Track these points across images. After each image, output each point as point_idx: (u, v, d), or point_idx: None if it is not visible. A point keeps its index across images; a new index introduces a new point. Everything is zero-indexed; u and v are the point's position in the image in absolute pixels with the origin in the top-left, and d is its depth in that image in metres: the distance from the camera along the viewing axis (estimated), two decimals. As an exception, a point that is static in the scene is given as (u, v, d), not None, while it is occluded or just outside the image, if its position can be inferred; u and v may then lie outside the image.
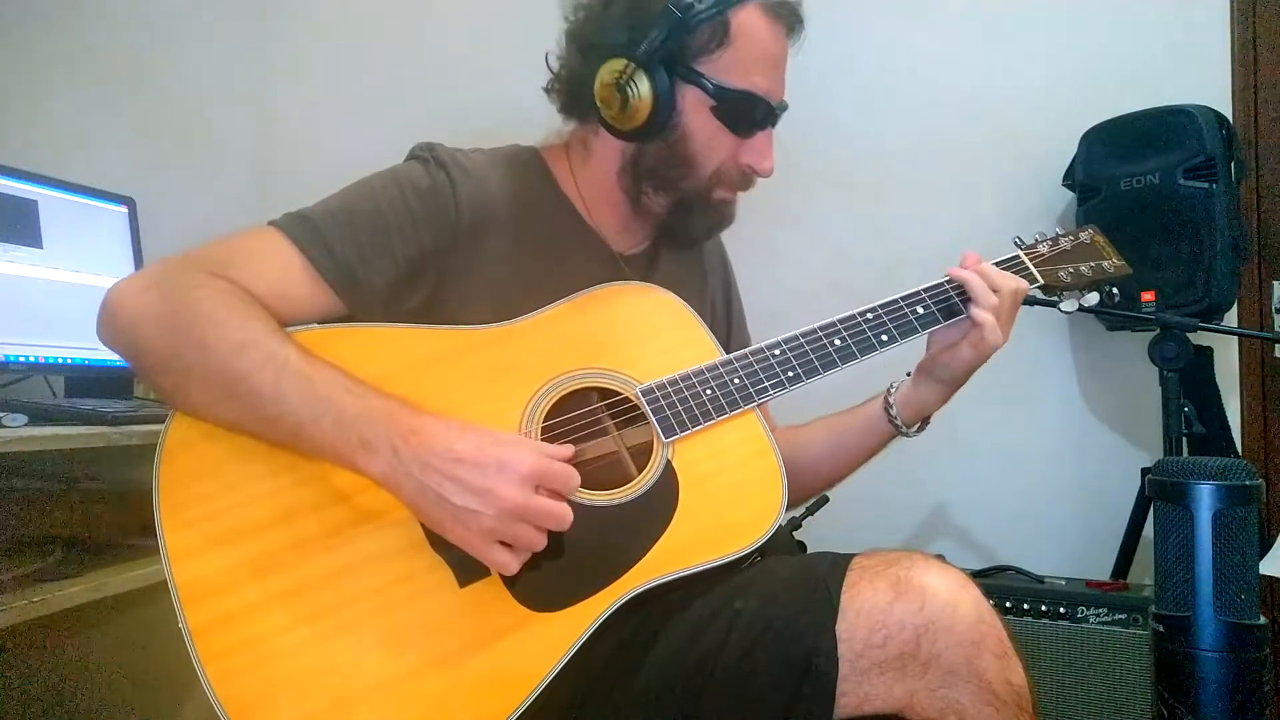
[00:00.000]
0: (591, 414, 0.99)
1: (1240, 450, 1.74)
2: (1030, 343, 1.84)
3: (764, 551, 0.96)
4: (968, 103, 1.94)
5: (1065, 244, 1.20)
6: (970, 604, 0.85)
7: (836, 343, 1.05)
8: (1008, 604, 1.50)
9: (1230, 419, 1.69)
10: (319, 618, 0.84)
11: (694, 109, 1.06)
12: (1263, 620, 1.02)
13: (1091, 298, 1.19)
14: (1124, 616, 1.44)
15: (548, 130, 1.18)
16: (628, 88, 1.03)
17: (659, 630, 0.92)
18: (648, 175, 1.10)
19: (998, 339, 1.05)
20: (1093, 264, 1.18)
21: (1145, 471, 1.54)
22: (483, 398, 0.96)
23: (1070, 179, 1.82)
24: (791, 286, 1.90)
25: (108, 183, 1.79)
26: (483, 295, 1.04)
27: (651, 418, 0.98)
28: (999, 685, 0.83)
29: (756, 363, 1.03)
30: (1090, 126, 1.77)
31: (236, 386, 0.86)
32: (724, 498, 0.96)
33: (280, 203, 1.03)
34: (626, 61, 1.03)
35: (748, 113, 1.07)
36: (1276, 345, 1.78)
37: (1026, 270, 1.15)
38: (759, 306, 1.37)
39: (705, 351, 1.05)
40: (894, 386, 1.16)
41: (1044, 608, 1.48)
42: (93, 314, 0.93)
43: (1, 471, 1.49)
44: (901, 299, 1.09)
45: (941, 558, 0.92)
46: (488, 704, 0.83)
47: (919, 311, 1.09)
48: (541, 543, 0.84)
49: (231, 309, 0.89)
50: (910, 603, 0.84)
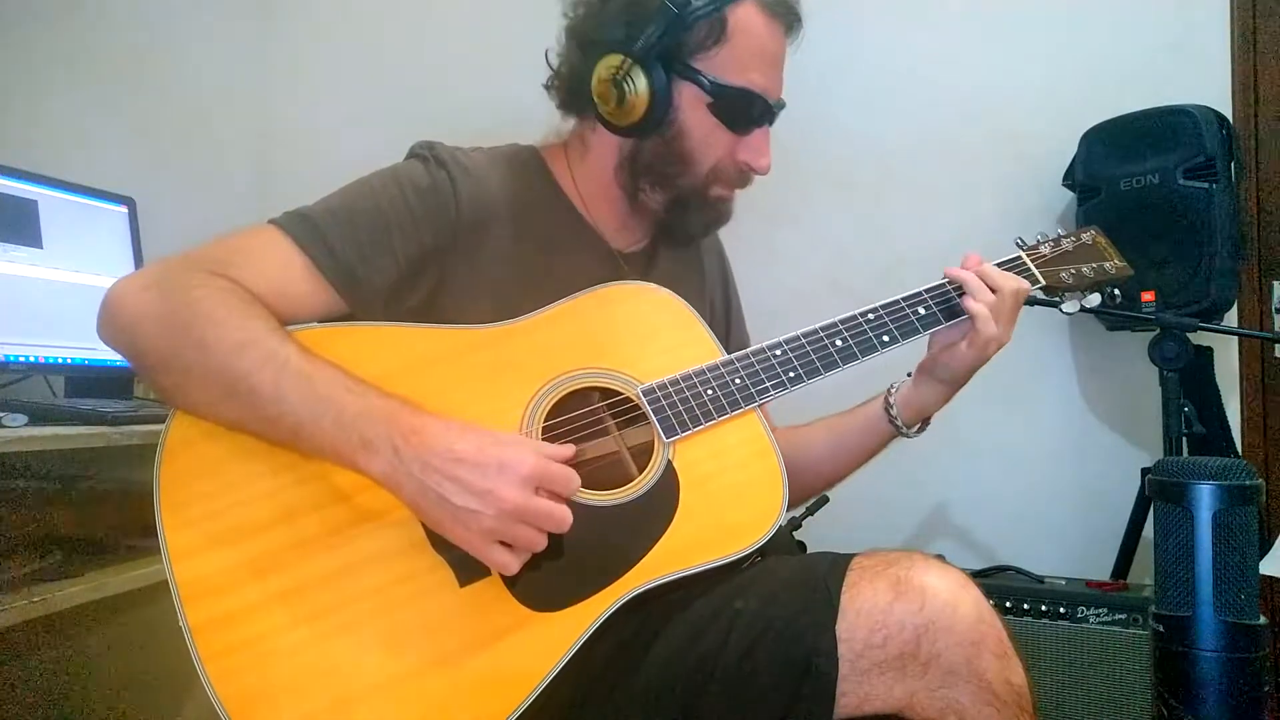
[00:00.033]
0: (592, 414, 0.99)
1: (1240, 450, 1.74)
2: (1030, 343, 1.84)
3: (764, 551, 0.96)
4: (968, 103, 1.94)
5: (1067, 245, 1.20)
6: (970, 604, 0.85)
7: (838, 343, 1.05)
8: (1008, 604, 1.50)
9: (1230, 419, 1.69)
10: (319, 617, 0.84)
11: (691, 105, 1.06)
12: (1263, 620, 1.02)
13: (1093, 299, 1.19)
14: (1124, 616, 1.43)
15: (547, 129, 1.18)
16: (624, 83, 1.03)
17: (659, 630, 0.92)
18: (644, 172, 1.10)
19: (991, 329, 1.05)
20: (1094, 265, 1.18)
21: (1145, 471, 1.55)
22: (484, 397, 0.96)
23: (1070, 179, 1.82)
24: (791, 286, 1.90)
25: (108, 183, 1.79)
26: (483, 293, 1.04)
27: (652, 418, 0.98)
28: (999, 685, 0.83)
29: (758, 363, 1.03)
30: (1090, 126, 1.77)
31: (237, 386, 0.86)
32: (725, 498, 0.96)
33: (280, 203, 1.03)
34: (623, 57, 1.03)
35: (745, 110, 1.07)
36: (1276, 345, 1.78)
37: (1028, 271, 1.15)
38: (758, 306, 1.37)
39: (706, 351, 1.05)
40: (894, 387, 1.16)
41: (1044, 608, 1.48)
42: (93, 314, 0.93)
43: (1, 471, 1.49)
44: (903, 299, 1.09)
45: (941, 558, 0.92)
46: (488, 704, 0.83)
47: (920, 312, 1.09)
48: (541, 543, 0.84)
49: (231, 308, 0.89)
50: (910, 603, 0.84)
